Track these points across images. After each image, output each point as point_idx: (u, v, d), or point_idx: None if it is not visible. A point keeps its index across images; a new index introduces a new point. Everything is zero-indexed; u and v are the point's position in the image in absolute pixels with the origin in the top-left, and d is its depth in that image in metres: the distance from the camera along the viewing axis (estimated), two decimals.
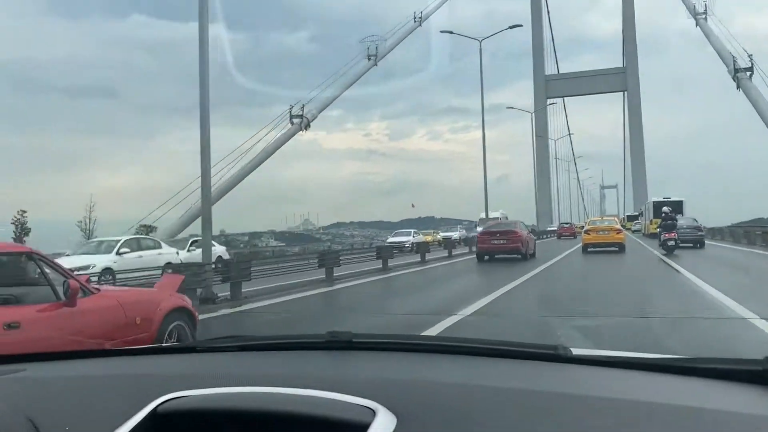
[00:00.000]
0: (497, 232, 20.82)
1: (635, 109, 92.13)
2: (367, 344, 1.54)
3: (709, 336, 6.40)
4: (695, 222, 26.72)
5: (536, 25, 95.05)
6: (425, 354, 1.46)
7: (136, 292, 5.03)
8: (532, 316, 8.14)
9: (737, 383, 1.12)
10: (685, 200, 37.60)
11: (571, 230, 46.94)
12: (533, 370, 1.29)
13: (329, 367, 1.40)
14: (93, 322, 4.12)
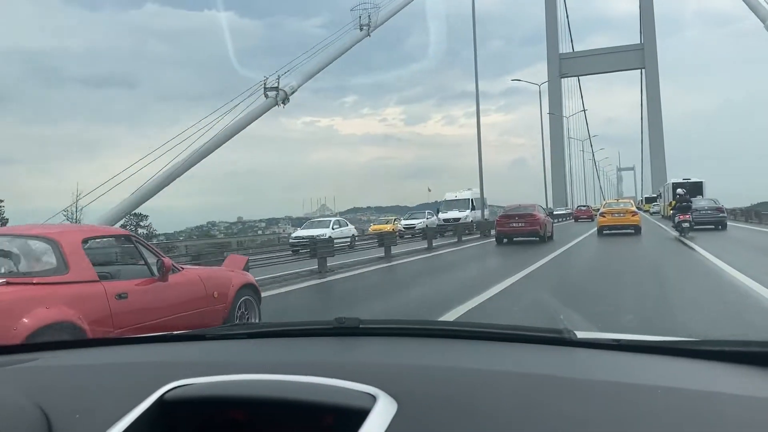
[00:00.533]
0: (516, 215, 21.75)
1: (653, 86, 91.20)
2: (374, 330, 1.59)
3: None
4: (716, 203, 27.01)
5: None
6: (430, 339, 1.52)
7: (213, 270, 5.84)
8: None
9: (745, 365, 1.14)
10: (705, 181, 38.04)
11: (588, 213, 47.70)
12: (538, 354, 1.32)
13: (335, 353, 1.47)
14: (181, 294, 4.94)
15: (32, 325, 3.88)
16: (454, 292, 9.10)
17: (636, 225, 23.62)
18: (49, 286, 4.14)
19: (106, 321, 4.30)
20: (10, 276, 4.10)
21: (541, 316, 6.96)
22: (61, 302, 4.10)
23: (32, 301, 3.99)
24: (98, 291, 4.34)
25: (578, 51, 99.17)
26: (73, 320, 4.08)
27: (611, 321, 6.29)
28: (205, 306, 5.12)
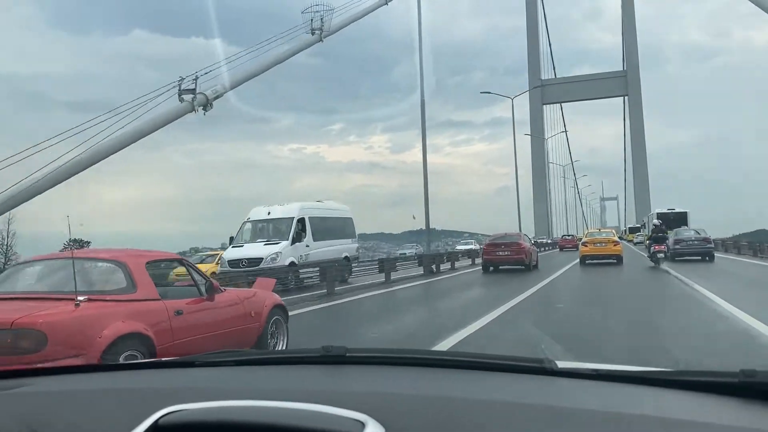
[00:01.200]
0: (502, 244, 22.99)
1: (636, 114, 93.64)
2: (361, 358, 1.69)
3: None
4: (704, 233, 27.11)
5: (531, 24, 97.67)
6: (416, 368, 1.62)
7: (249, 292, 6.77)
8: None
9: (715, 395, 1.25)
10: (690, 212, 39.81)
11: (573, 242, 49.36)
12: (520, 384, 1.42)
13: (323, 380, 1.55)
14: (224, 313, 5.88)
15: (112, 335, 4.78)
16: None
17: (618, 255, 24.59)
18: (122, 303, 5.06)
19: (167, 334, 5.21)
20: (90, 293, 5.00)
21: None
22: (133, 317, 5.01)
23: (111, 315, 4.90)
24: (161, 308, 5.26)
25: (560, 77, 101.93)
26: (144, 332, 4.99)
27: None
28: (244, 324, 6.08)
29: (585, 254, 25.28)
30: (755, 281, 16.89)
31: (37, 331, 4.52)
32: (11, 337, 4.50)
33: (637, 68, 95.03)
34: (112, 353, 4.72)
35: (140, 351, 4.94)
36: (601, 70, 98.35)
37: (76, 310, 4.76)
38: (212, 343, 5.63)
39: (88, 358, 4.59)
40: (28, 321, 4.54)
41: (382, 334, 8.73)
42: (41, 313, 4.65)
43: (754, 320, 8.55)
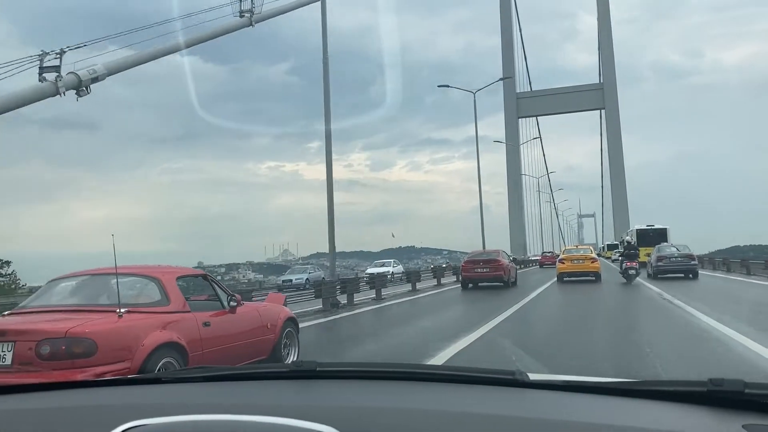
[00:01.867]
0: (481, 261, 24.12)
1: (614, 128, 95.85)
2: (332, 372, 1.78)
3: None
4: (686, 249, 27.35)
5: (506, 35, 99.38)
6: (386, 381, 1.72)
7: (265, 305, 7.59)
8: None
9: (685, 404, 1.39)
10: (670, 228, 41.52)
11: (552, 259, 51.14)
12: (492, 396, 1.54)
13: (292, 395, 1.63)
14: (245, 325, 6.71)
15: (153, 344, 5.58)
16: None
17: (596, 272, 25.32)
18: (158, 315, 5.86)
19: (198, 344, 6.02)
20: (129, 306, 5.79)
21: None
22: (168, 327, 5.81)
23: (150, 325, 5.70)
24: (191, 319, 6.08)
25: (536, 90, 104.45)
26: (179, 341, 5.80)
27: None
28: (261, 335, 6.92)
29: (563, 271, 25.87)
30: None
31: (89, 340, 5.29)
32: (65, 345, 5.26)
33: (614, 81, 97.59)
34: (153, 360, 5.51)
35: (176, 359, 5.74)
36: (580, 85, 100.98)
37: (120, 320, 5.54)
38: (235, 352, 6.48)
39: (133, 364, 5.38)
40: (80, 330, 5.31)
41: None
42: (91, 323, 5.43)
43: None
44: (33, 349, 5.21)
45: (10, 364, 5.23)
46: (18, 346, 5.25)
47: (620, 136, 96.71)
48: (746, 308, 13.41)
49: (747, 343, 8.46)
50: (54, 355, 5.20)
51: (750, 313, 12.28)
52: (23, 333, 5.33)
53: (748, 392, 1.36)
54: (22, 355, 5.23)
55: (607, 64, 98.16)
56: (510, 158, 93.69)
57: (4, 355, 5.27)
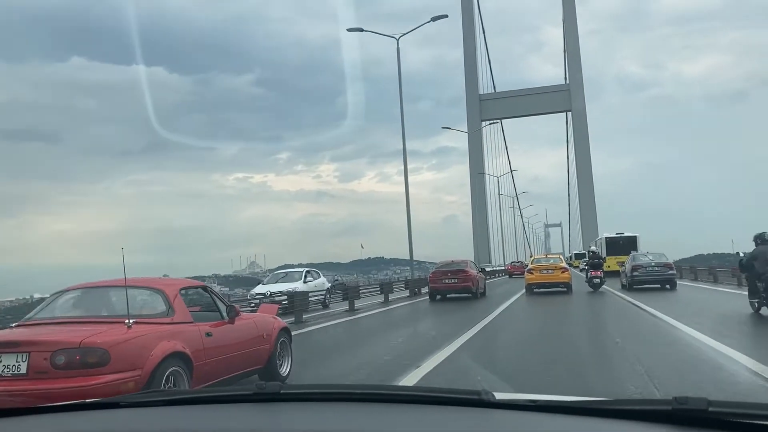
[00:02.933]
0: (448, 272, 25.17)
1: (581, 131, 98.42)
2: (297, 395, 1.92)
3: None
4: (664, 258, 27.46)
5: (468, 35, 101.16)
6: (351, 404, 1.84)
7: (260, 316, 8.28)
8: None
9: (650, 423, 1.49)
10: (639, 236, 43.30)
11: (521, 269, 52.92)
12: (458, 416, 1.64)
13: (255, 419, 1.74)
14: (243, 335, 7.41)
15: (161, 354, 6.24)
16: None
17: (567, 283, 25.72)
18: (164, 326, 6.54)
19: (201, 354, 6.71)
20: (136, 317, 6.44)
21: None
22: (174, 338, 6.49)
23: (157, 336, 6.36)
24: (195, 329, 6.77)
25: (500, 92, 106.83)
26: (186, 351, 6.48)
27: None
28: (258, 345, 7.64)
29: (531, 282, 26.20)
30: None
31: (102, 350, 5.93)
32: (80, 355, 5.89)
33: (581, 82, 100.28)
34: (161, 370, 6.17)
35: (182, 368, 6.41)
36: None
37: (129, 331, 6.21)
38: (235, 362, 7.20)
39: (143, 373, 6.05)
40: (93, 341, 5.95)
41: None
42: (103, 334, 6.07)
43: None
44: (48, 359, 5.81)
45: (25, 373, 5.83)
46: (33, 357, 5.85)
47: (587, 139, 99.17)
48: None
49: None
50: (69, 364, 5.82)
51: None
52: (38, 344, 5.93)
53: (712, 410, 1.47)
54: (37, 365, 5.83)
55: (573, 64, 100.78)
56: (473, 163, 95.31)
57: (20, 365, 5.87)
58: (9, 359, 5.89)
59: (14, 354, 5.90)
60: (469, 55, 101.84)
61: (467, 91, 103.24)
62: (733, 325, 12.85)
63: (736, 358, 8.68)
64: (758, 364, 8.08)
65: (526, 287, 26.60)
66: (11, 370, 5.85)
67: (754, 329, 12.79)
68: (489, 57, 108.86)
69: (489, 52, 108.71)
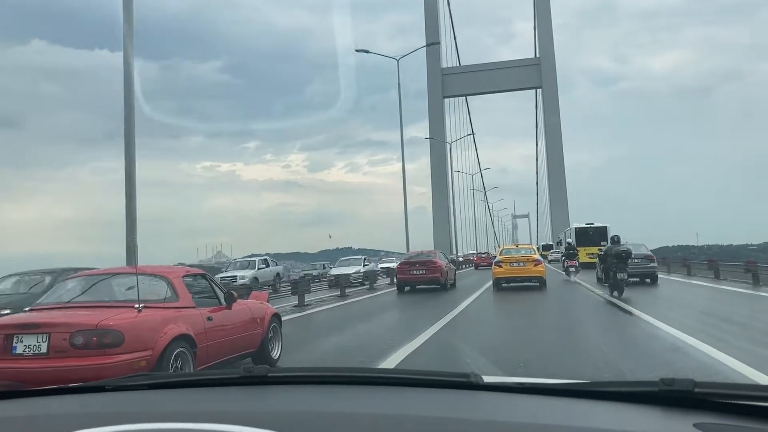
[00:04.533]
0: (416, 263, 26.71)
1: (552, 109, 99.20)
2: (284, 378, 2.11)
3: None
4: (644, 249, 27.76)
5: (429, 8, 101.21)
6: (339, 386, 2.02)
7: (254, 302, 9.54)
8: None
9: (637, 404, 1.68)
10: (610, 226, 45.58)
11: (488, 260, 55.00)
12: (446, 398, 1.83)
13: (243, 402, 1.89)
14: (240, 319, 8.69)
15: (169, 336, 7.48)
16: None
17: (540, 277, 25.39)
18: (171, 310, 7.77)
19: (203, 336, 7.96)
20: (144, 302, 7.66)
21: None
22: (180, 321, 7.73)
23: (166, 319, 7.60)
24: (197, 314, 8.03)
25: (465, 65, 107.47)
26: (190, 334, 7.73)
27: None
28: (253, 330, 8.93)
29: (499, 276, 25.70)
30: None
31: (117, 331, 7.13)
32: (97, 336, 7.08)
33: (552, 56, 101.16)
34: (169, 350, 7.40)
35: (187, 349, 7.65)
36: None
37: (139, 315, 7.43)
38: (233, 344, 8.49)
39: (154, 353, 7.27)
40: (109, 323, 7.14)
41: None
42: (117, 316, 7.28)
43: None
44: (67, 339, 6.98)
45: (46, 352, 6.99)
46: (53, 337, 7.02)
47: (558, 115, 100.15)
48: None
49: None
50: (86, 344, 7.00)
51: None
52: (57, 325, 7.11)
53: (698, 391, 1.64)
54: (57, 345, 7.00)
55: (544, 36, 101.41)
56: (435, 145, 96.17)
57: (40, 345, 7.03)
58: (30, 340, 7.05)
59: (35, 335, 7.06)
60: (430, 20, 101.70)
61: (428, 63, 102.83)
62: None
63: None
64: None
65: (494, 282, 26.07)
66: (33, 350, 7.01)
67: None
68: (453, 25, 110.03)
69: (453, 21, 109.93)
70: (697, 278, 28.26)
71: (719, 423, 1.55)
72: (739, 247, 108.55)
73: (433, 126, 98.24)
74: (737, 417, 1.59)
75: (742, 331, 12.01)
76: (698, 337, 10.81)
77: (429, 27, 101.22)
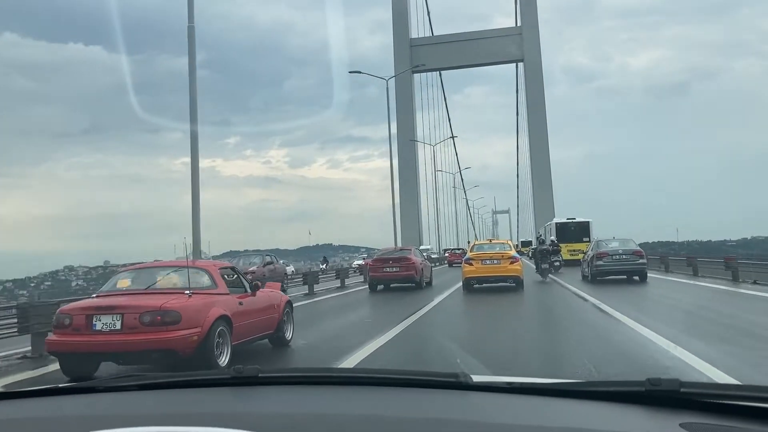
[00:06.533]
0: (390, 259, 29.41)
1: (535, 86, 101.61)
2: (273, 379, 2.39)
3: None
4: (633, 245, 29.46)
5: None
6: (330, 386, 2.30)
7: (271, 291, 13.05)
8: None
9: (623, 404, 1.94)
10: (593, 221, 49.49)
11: (462, 257, 58.55)
12: (435, 399, 2.10)
13: (233, 403, 2.15)
14: (261, 303, 12.24)
15: (214, 316, 10.93)
16: None
17: (516, 276, 26.16)
18: (212, 296, 11.26)
19: (237, 317, 11.41)
20: (192, 289, 11.11)
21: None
22: (220, 304, 11.22)
23: (209, 303, 11.07)
24: (231, 299, 11.53)
25: (437, 35, 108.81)
26: (228, 315, 11.22)
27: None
28: (271, 314, 12.48)
29: (470, 276, 26.52)
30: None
31: (176, 312, 10.54)
32: (160, 315, 10.50)
33: (536, 25, 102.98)
34: (213, 328, 10.84)
35: (226, 328, 11.08)
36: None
37: (190, 299, 10.89)
38: (258, 326, 12.04)
39: (202, 330, 10.72)
40: (170, 305, 10.55)
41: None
42: (175, 300, 10.72)
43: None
44: (137, 318, 10.39)
45: (120, 328, 10.39)
46: (126, 317, 10.42)
47: (542, 94, 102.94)
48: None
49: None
50: (152, 322, 10.39)
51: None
52: (128, 307, 10.53)
53: (684, 391, 1.95)
54: (129, 323, 10.39)
55: (526, 3, 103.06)
56: (402, 125, 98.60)
57: (115, 323, 10.44)
58: (107, 319, 10.46)
59: (110, 315, 10.48)
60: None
61: (394, 32, 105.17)
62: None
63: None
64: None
65: (464, 282, 26.82)
66: (109, 327, 10.42)
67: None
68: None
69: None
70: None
71: (705, 423, 1.82)
72: (717, 243, 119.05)
73: (400, 105, 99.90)
74: (723, 417, 1.88)
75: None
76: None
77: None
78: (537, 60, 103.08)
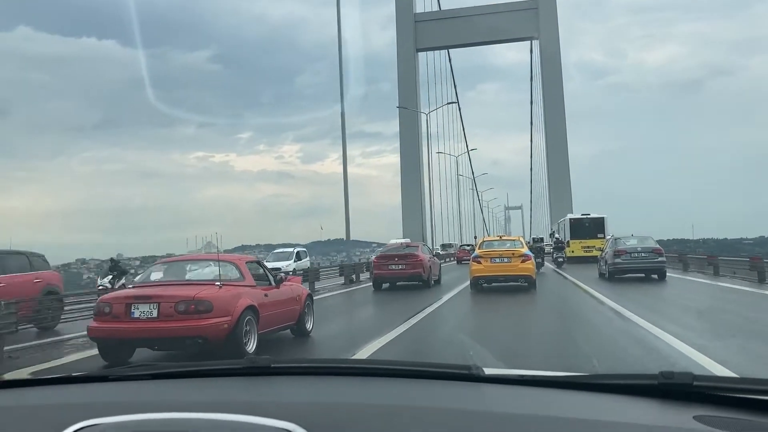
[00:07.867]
0: (395, 256, 30.53)
1: (552, 68, 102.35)
2: (287, 369, 2.60)
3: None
4: (651, 242, 30.45)
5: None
6: (343, 377, 2.49)
7: (293, 284, 15.12)
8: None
9: (636, 397, 2.11)
10: (607, 217, 51.16)
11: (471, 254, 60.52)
12: (448, 390, 2.28)
13: (247, 392, 2.34)
14: (284, 295, 14.31)
15: (242, 306, 12.94)
16: None
17: (528, 275, 26.40)
18: (240, 287, 13.32)
19: (263, 308, 13.43)
20: (222, 281, 13.16)
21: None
22: (248, 295, 13.28)
23: (238, 294, 13.11)
24: (257, 291, 13.59)
25: (444, 10, 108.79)
26: (255, 305, 13.30)
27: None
28: (293, 306, 14.57)
29: (478, 275, 26.83)
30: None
31: (208, 301, 12.49)
32: (194, 304, 12.46)
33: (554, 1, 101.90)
34: (242, 317, 12.82)
35: (253, 318, 13.08)
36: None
37: (221, 290, 12.90)
38: (281, 317, 14.13)
39: (232, 319, 12.71)
40: (203, 295, 12.50)
41: None
42: (207, 291, 12.71)
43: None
44: (173, 307, 12.30)
45: (156, 316, 12.35)
46: (162, 305, 12.36)
47: (560, 78, 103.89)
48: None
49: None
50: (186, 311, 12.31)
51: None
52: (164, 297, 12.50)
53: (696, 384, 2.10)
54: (165, 312, 12.31)
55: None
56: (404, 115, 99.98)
57: (152, 311, 12.42)
58: (144, 307, 12.43)
59: (148, 304, 12.45)
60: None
61: (397, 6, 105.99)
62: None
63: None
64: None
65: (471, 281, 27.32)
66: (146, 315, 12.39)
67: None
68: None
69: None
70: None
71: (719, 416, 1.94)
72: (733, 241, 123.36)
73: (402, 87, 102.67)
74: (736, 410, 2.01)
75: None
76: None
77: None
78: (554, 37, 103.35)
